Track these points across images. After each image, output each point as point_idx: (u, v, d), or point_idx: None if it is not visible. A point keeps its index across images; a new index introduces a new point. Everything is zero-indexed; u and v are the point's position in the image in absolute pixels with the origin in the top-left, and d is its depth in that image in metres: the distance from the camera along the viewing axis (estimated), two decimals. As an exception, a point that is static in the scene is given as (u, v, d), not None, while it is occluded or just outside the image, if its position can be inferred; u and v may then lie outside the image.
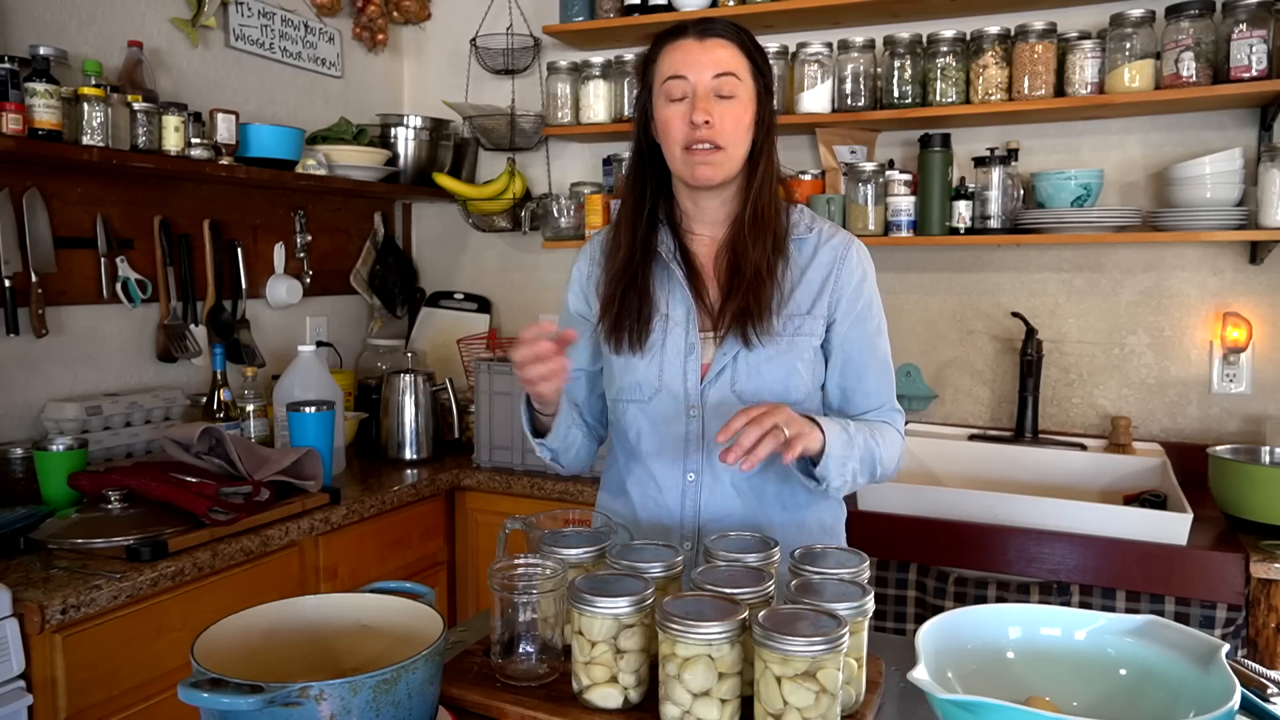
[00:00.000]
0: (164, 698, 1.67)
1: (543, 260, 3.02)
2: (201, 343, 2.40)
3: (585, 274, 1.51)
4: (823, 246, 1.42)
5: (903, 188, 2.36)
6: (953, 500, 1.95)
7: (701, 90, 1.33)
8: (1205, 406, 2.34)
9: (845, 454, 1.31)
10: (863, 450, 1.34)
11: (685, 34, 1.35)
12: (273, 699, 0.83)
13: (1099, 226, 2.21)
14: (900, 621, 1.98)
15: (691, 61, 1.33)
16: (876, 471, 1.38)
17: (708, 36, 1.34)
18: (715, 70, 1.32)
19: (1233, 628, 1.74)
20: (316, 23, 2.81)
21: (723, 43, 1.34)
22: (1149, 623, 1.00)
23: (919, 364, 2.58)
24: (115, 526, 1.70)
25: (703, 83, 1.33)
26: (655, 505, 1.45)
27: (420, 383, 2.54)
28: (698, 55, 1.33)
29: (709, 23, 1.36)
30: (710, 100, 1.32)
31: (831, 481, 1.31)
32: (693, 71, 1.33)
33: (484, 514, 2.47)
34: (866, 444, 1.35)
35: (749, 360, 1.38)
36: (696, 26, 1.35)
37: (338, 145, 2.63)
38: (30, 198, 2.02)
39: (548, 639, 1.10)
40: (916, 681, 0.86)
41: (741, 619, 0.95)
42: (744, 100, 1.34)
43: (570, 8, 2.69)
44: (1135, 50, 2.15)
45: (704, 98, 1.32)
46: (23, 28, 2.02)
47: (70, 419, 2.04)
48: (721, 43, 1.34)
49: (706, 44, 1.33)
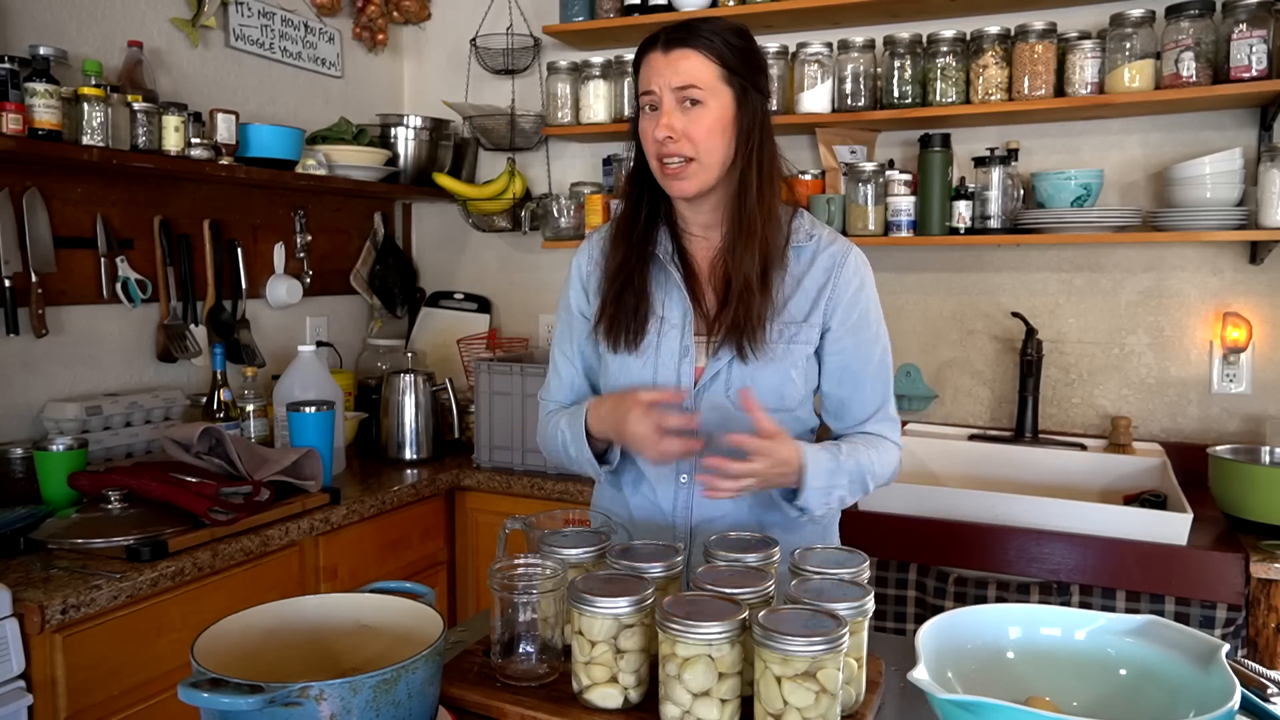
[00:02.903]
0: (164, 698, 1.67)
1: (543, 260, 3.02)
2: (201, 343, 2.40)
3: (585, 272, 1.50)
4: (820, 254, 1.42)
5: (903, 188, 2.36)
6: (953, 500, 1.96)
7: (666, 104, 1.32)
8: (1205, 406, 2.34)
9: (830, 484, 1.32)
10: (853, 473, 1.35)
11: (654, 45, 1.35)
12: (273, 699, 0.83)
13: (1099, 226, 2.21)
14: (900, 621, 1.98)
15: (655, 74, 1.33)
16: (869, 487, 1.39)
17: (672, 48, 1.32)
18: (677, 83, 1.31)
19: (1233, 628, 1.74)
20: (316, 23, 2.81)
21: (686, 52, 1.32)
22: (1149, 623, 1.00)
23: (919, 364, 2.58)
24: (115, 526, 1.70)
25: (667, 96, 1.32)
26: (649, 506, 1.46)
27: (420, 383, 2.54)
28: (660, 68, 1.33)
29: (677, 31, 1.34)
30: (675, 114, 1.32)
31: (814, 510, 1.34)
32: (656, 84, 1.33)
33: (484, 514, 2.47)
34: (858, 465, 1.36)
35: (743, 366, 1.37)
36: (666, 35, 1.34)
37: (338, 145, 2.63)
38: (30, 198, 2.02)
39: (548, 639, 1.10)
40: (916, 681, 0.86)
41: (741, 619, 0.95)
42: (715, 107, 1.32)
43: (570, 8, 2.69)
44: (1135, 50, 2.15)
45: (668, 111, 1.32)
46: (23, 28, 2.02)
47: (70, 419, 2.04)
48: (685, 53, 1.32)
49: (670, 56, 1.32)
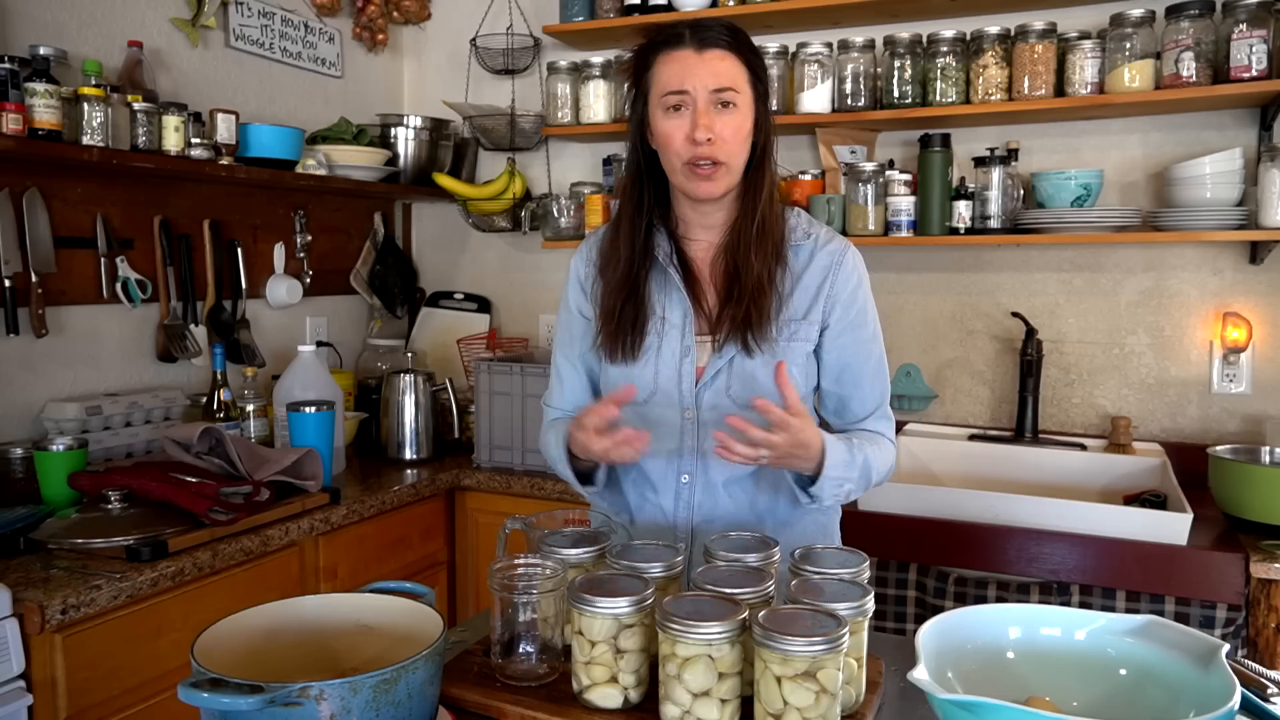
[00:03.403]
0: (164, 698, 1.67)
1: (543, 260, 3.02)
2: (201, 343, 2.40)
3: (583, 274, 1.50)
4: (819, 252, 1.42)
5: (903, 188, 2.36)
6: (953, 500, 1.95)
7: (702, 105, 1.29)
8: (1205, 406, 2.34)
9: (844, 475, 1.32)
10: (862, 468, 1.35)
11: (683, 42, 1.31)
12: (273, 699, 0.83)
13: (1099, 226, 2.21)
14: (900, 621, 1.98)
15: (690, 74, 1.30)
16: (871, 483, 1.39)
17: (706, 48, 1.30)
18: (716, 84, 1.29)
19: (1233, 628, 1.74)
20: (316, 23, 2.81)
21: (721, 54, 1.30)
22: (1149, 623, 1.00)
23: (919, 364, 2.58)
24: (115, 526, 1.70)
25: (703, 97, 1.29)
26: (650, 506, 1.46)
27: (420, 383, 2.54)
28: (696, 68, 1.30)
29: (706, 30, 1.31)
30: (711, 115, 1.29)
31: (824, 500, 1.33)
32: (692, 84, 1.29)
33: (484, 514, 2.47)
34: (865, 461, 1.36)
35: (744, 365, 1.37)
36: (694, 35, 1.31)
37: (338, 145, 2.63)
38: (30, 198, 2.02)
39: (548, 639, 1.10)
40: (916, 681, 0.86)
41: (741, 619, 0.95)
42: (743, 110, 1.32)
43: (570, 8, 2.68)
44: (1135, 50, 2.15)
45: (704, 113, 1.29)
46: (23, 28, 2.02)
47: (70, 419, 2.04)
48: (720, 54, 1.30)
49: (705, 56, 1.30)
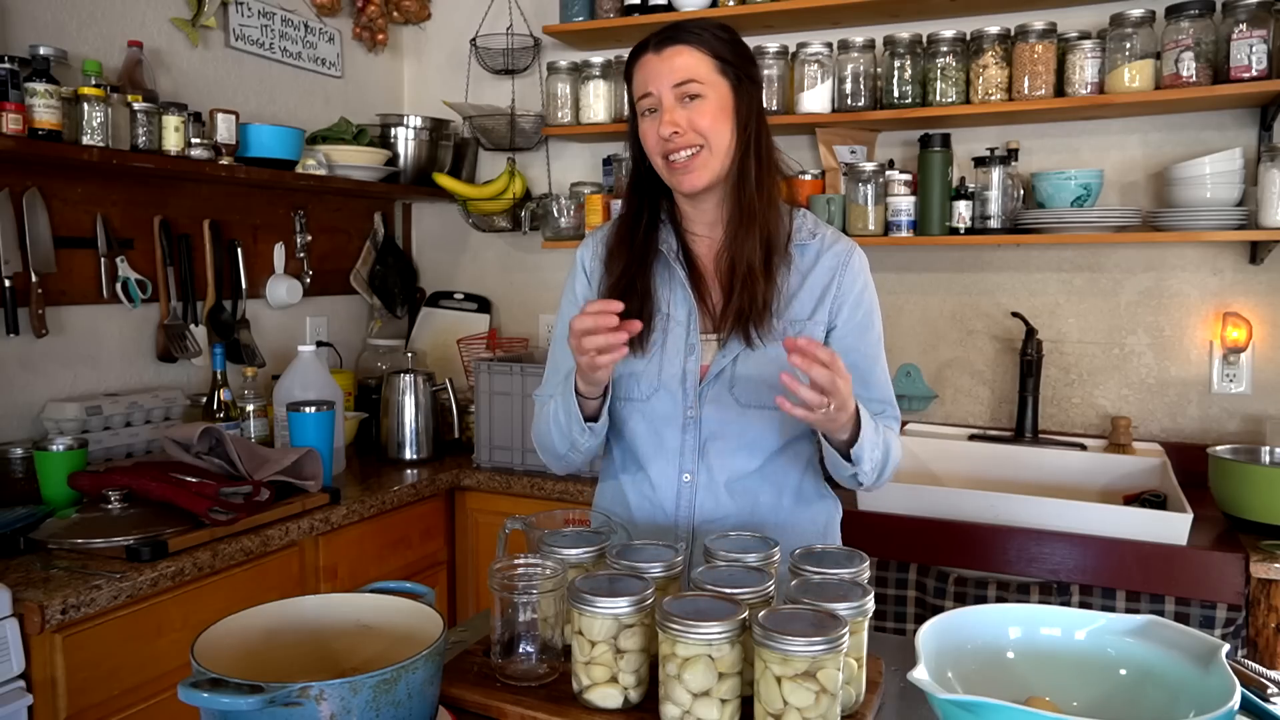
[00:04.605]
0: (164, 698, 1.67)
1: (543, 260, 3.02)
2: (201, 343, 2.40)
3: (590, 268, 1.51)
4: (825, 252, 1.43)
5: (903, 188, 2.36)
6: (953, 500, 1.95)
7: (668, 102, 1.34)
8: (1205, 406, 2.34)
9: (875, 439, 1.33)
10: (883, 449, 1.36)
11: (646, 48, 1.37)
12: (273, 699, 0.83)
13: (1099, 226, 2.21)
14: (900, 621, 1.98)
15: (653, 75, 1.35)
16: (886, 469, 1.39)
17: (664, 46, 1.35)
18: (674, 80, 1.34)
19: (1233, 628, 1.74)
20: (316, 23, 2.81)
21: (679, 49, 1.34)
22: (1149, 623, 1.00)
23: (919, 364, 2.58)
24: (115, 526, 1.70)
25: (666, 94, 1.34)
26: (650, 505, 1.46)
27: (420, 383, 2.54)
28: (656, 68, 1.35)
29: (669, 31, 1.36)
30: (676, 110, 1.34)
31: (864, 465, 1.32)
32: (655, 85, 1.35)
33: (484, 514, 2.47)
34: (886, 441, 1.37)
35: (749, 363, 1.38)
36: (657, 37, 1.36)
37: (338, 145, 2.63)
38: (30, 198, 2.02)
39: (548, 639, 1.10)
40: (916, 681, 0.86)
41: (741, 619, 0.95)
42: (714, 97, 1.35)
43: (570, 8, 2.68)
44: (1135, 50, 2.15)
45: (669, 109, 1.34)
46: (23, 28, 2.02)
47: (70, 419, 2.04)
48: (678, 49, 1.34)
49: (664, 54, 1.35)
